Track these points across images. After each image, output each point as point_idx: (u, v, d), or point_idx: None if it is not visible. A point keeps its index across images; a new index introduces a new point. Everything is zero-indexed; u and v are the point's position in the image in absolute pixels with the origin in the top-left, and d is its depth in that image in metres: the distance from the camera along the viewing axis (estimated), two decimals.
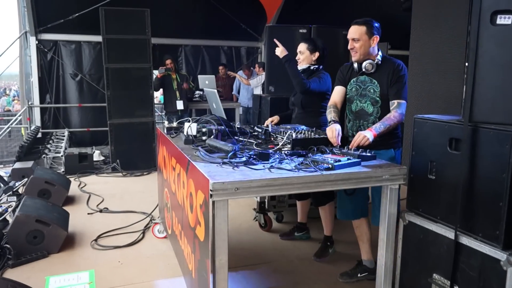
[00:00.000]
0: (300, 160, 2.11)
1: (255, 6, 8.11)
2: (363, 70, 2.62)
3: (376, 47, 2.60)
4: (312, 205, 3.43)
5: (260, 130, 2.74)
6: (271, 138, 2.60)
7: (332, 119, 2.58)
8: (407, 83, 2.58)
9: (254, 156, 2.11)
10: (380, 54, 2.62)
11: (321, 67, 3.19)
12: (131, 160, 5.85)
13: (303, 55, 3.16)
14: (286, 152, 2.27)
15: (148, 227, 3.72)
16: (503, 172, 1.77)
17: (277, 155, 2.19)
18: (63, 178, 4.66)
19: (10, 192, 4.10)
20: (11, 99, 16.16)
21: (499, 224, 1.79)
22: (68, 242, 3.35)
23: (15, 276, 2.76)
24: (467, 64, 1.87)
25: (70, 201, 4.48)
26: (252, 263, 3.09)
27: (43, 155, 5.72)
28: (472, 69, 1.84)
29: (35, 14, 7.02)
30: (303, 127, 2.80)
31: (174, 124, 3.25)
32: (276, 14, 8.26)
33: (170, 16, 7.64)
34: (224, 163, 2.03)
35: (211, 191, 1.73)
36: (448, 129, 2.04)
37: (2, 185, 4.40)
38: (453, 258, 1.97)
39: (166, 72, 6.06)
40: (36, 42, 7.25)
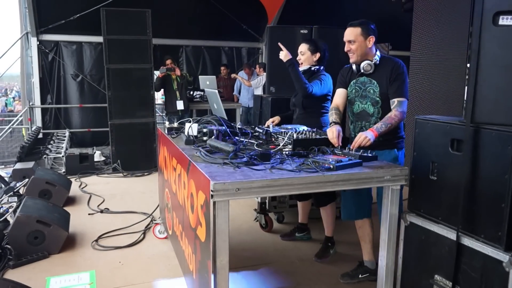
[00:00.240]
0: (301, 160, 2.10)
1: (256, 7, 8.11)
2: (362, 71, 2.61)
3: (374, 47, 2.60)
4: (313, 205, 3.42)
5: (261, 131, 2.73)
6: (272, 139, 2.60)
7: (333, 121, 2.58)
8: (407, 81, 2.57)
9: (255, 157, 2.10)
10: (378, 54, 2.61)
11: (322, 68, 3.19)
12: (132, 161, 5.85)
13: (304, 56, 3.16)
14: (287, 152, 2.26)
15: (149, 228, 3.72)
16: (505, 173, 1.76)
17: (278, 156, 2.19)
18: (64, 178, 4.66)
19: (11, 193, 4.10)
20: (11, 100, 16.17)
21: (501, 225, 1.78)
22: (69, 243, 3.34)
23: (15, 276, 2.76)
24: (469, 65, 1.86)
25: (71, 201, 4.48)
26: (253, 264, 3.08)
27: (44, 156, 5.72)
28: (474, 70, 1.83)
29: (36, 15, 7.04)
30: (304, 127, 2.79)
31: (175, 124, 3.25)
32: (277, 15, 8.26)
33: (171, 16, 7.64)
34: (225, 164, 2.03)
35: (212, 191, 1.73)
36: (450, 129, 2.03)
37: (3, 185, 4.40)
38: (455, 259, 1.97)
39: (167, 72, 6.06)
40: (37, 43, 7.27)
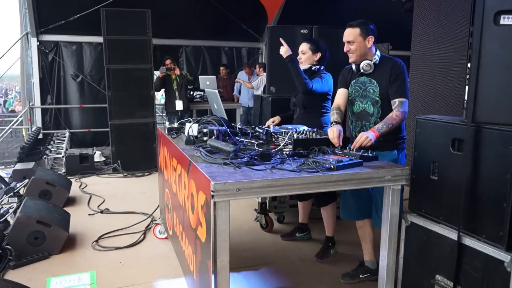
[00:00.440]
0: (301, 160, 2.10)
1: (256, 7, 8.10)
2: (361, 71, 2.61)
3: (373, 47, 2.59)
4: (313, 205, 3.42)
5: (261, 131, 2.73)
6: (273, 139, 2.59)
7: (335, 121, 2.57)
8: (408, 81, 2.56)
9: (256, 157, 2.10)
10: (378, 54, 2.60)
11: (322, 67, 3.18)
12: (132, 161, 5.85)
13: (305, 55, 3.15)
14: (287, 152, 2.26)
15: (149, 228, 3.71)
16: (506, 173, 1.76)
17: (278, 156, 2.18)
18: (64, 179, 4.66)
19: (11, 193, 4.10)
20: (11, 100, 16.17)
21: (503, 225, 1.78)
22: (69, 243, 3.34)
23: (16, 277, 2.76)
24: (469, 65, 1.86)
25: (71, 202, 4.47)
26: (253, 264, 3.08)
27: (44, 156, 5.72)
28: (475, 69, 1.83)
29: (36, 15, 7.02)
30: (304, 127, 2.79)
31: (175, 124, 3.24)
32: (277, 15, 8.25)
33: (171, 17, 7.63)
34: (225, 164, 2.02)
35: (213, 192, 1.73)
36: (451, 129, 2.03)
37: (3, 186, 4.40)
38: (456, 259, 1.97)
39: (167, 72, 6.05)
40: (37, 43, 7.25)
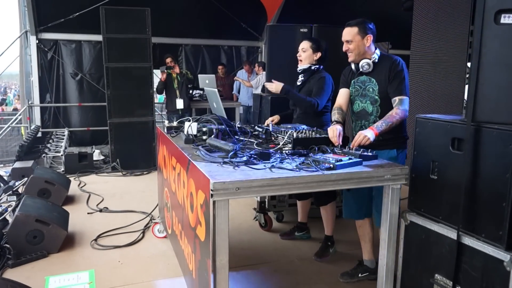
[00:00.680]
0: (301, 159, 2.09)
1: (255, 5, 8.09)
2: (361, 70, 2.60)
3: (372, 46, 2.58)
4: (313, 204, 3.42)
5: (260, 130, 2.72)
6: (272, 138, 2.59)
7: (335, 120, 2.56)
8: (407, 78, 2.55)
9: (255, 156, 2.09)
10: (378, 53, 2.59)
11: (321, 67, 3.17)
12: (131, 160, 5.84)
13: (305, 53, 3.13)
14: (287, 151, 2.25)
15: (148, 227, 3.71)
16: (506, 172, 1.75)
17: (278, 155, 2.18)
18: (63, 177, 4.65)
19: (10, 192, 4.09)
20: (10, 99, 16.15)
21: (502, 224, 1.78)
22: (68, 242, 3.34)
23: (14, 276, 2.75)
24: (469, 64, 1.85)
25: (70, 200, 4.47)
26: (252, 263, 3.08)
27: (43, 155, 5.71)
28: (475, 68, 1.82)
29: (36, 13, 7.01)
30: (304, 126, 2.78)
31: (174, 123, 3.24)
32: (277, 13, 8.24)
33: (170, 15, 7.62)
34: (224, 163, 2.02)
35: (212, 191, 1.72)
36: (451, 128, 2.03)
37: (2, 184, 4.38)
38: (455, 258, 1.96)
39: (168, 71, 6.04)
40: (37, 41, 7.24)
